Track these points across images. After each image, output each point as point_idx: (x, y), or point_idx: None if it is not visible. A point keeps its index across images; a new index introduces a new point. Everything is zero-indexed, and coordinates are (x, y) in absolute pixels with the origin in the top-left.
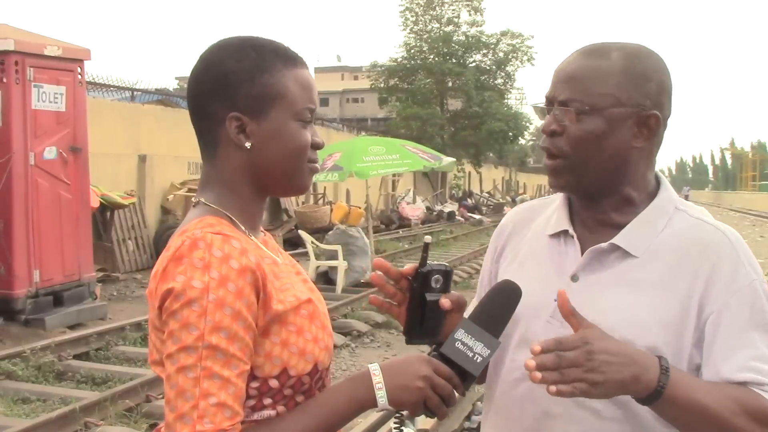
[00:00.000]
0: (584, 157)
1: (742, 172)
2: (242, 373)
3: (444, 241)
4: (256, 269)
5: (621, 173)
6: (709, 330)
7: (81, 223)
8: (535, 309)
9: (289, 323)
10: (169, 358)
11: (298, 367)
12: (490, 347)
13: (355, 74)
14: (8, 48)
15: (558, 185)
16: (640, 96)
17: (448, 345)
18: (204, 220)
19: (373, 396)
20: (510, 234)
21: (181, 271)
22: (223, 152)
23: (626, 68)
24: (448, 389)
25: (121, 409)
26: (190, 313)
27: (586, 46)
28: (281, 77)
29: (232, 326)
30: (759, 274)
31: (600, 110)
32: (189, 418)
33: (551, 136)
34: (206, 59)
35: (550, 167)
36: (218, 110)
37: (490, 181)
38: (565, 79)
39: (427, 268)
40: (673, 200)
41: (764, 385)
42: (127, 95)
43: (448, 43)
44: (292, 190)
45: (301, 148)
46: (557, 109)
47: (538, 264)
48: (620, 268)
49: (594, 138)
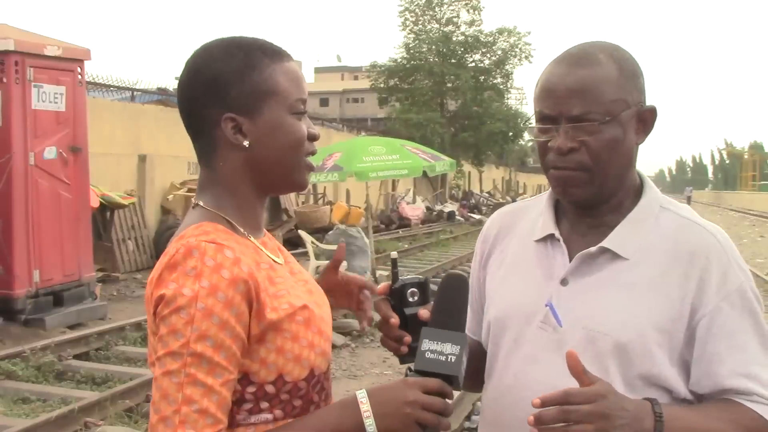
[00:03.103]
0: (607, 166)
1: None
2: (227, 381)
3: (444, 241)
4: (249, 279)
5: (626, 175)
6: (701, 333)
7: (81, 223)
8: (525, 315)
9: (283, 330)
10: (158, 360)
11: (294, 373)
12: (459, 343)
13: (355, 74)
14: (8, 48)
15: (577, 196)
16: (638, 93)
17: (419, 360)
18: (201, 226)
19: (361, 423)
20: (495, 239)
21: (174, 278)
22: (222, 154)
23: (620, 69)
24: (439, 404)
25: (121, 409)
26: (178, 319)
27: (568, 55)
28: (271, 73)
29: (218, 335)
30: (747, 275)
31: (616, 117)
32: (171, 422)
33: (568, 153)
34: (194, 64)
35: (568, 179)
36: (212, 113)
37: (490, 181)
38: (569, 94)
39: (400, 283)
40: (658, 199)
41: (753, 395)
42: (127, 95)
43: (447, 43)
44: (290, 186)
45: (299, 140)
46: (569, 126)
47: (526, 269)
48: (610, 270)
49: (614, 145)
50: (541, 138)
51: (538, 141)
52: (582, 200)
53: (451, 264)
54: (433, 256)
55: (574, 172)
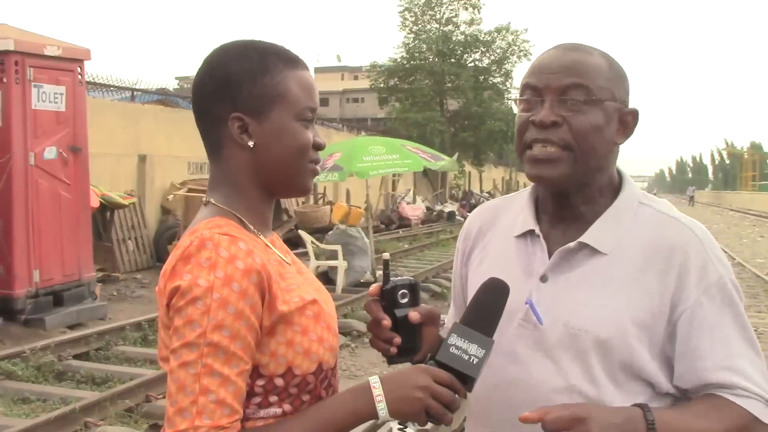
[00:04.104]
0: (587, 148)
1: (741, 172)
2: (243, 372)
3: (444, 241)
4: (262, 270)
5: (602, 168)
6: (683, 328)
7: (81, 223)
8: (506, 313)
9: (294, 323)
10: (173, 353)
11: (303, 367)
12: (485, 347)
13: (355, 74)
14: (8, 48)
15: (552, 176)
16: (623, 93)
17: (442, 351)
18: (213, 221)
19: (374, 408)
20: (477, 235)
21: (189, 269)
22: (228, 153)
23: (610, 66)
24: (448, 396)
25: (121, 409)
26: (194, 310)
27: (562, 44)
28: (283, 78)
29: (234, 325)
30: (727, 268)
31: (601, 102)
32: (188, 413)
33: (550, 127)
34: (210, 62)
35: (546, 157)
36: (221, 111)
37: (490, 181)
38: (560, 69)
39: (391, 285)
40: (637, 195)
41: (737, 389)
42: (127, 95)
43: (447, 42)
44: (294, 191)
45: (303, 147)
46: (554, 99)
47: (506, 266)
48: (589, 265)
49: (596, 130)
50: (524, 111)
51: (520, 118)
52: (556, 181)
53: (450, 264)
54: (433, 256)
55: (554, 149)
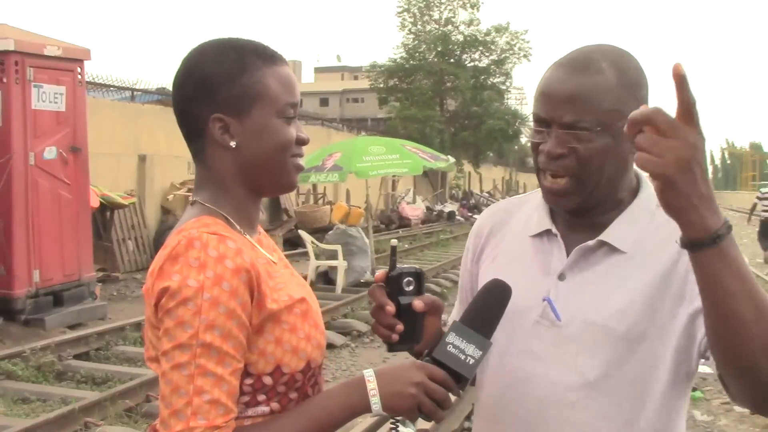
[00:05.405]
0: (594, 173)
1: (741, 172)
2: (236, 370)
3: (444, 241)
4: (251, 269)
5: (615, 181)
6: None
7: (81, 223)
8: (522, 310)
9: (282, 321)
10: (165, 355)
11: (292, 365)
12: (482, 348)
13: (355, 74)
14: (8, 48)
15: (566, 207)
16: (637, 105)
17: (440, 349)
18: (200, 219)
19: (368, 402)
20: (488, 235)
21: (177, 270)
22: (211, 154)
23: (621, 80)
24: (442, 394)
25: (121, 409)
26: (185, 311)
27: (570, 59)
28: (261, 76)
29: (226, 325)
30: None
31: (608, 127)
32: (183, 414)
33: (558, 158)
34: (188, 63)
35: (556, 189)
36: (202, 112)
37: (490, 181)
38: (564, 100)
39: (397, 271)
40: (654, 197)
41: None
42: (127, 95)
43: (446, 42)
44: (279, 188)
45: (285, 144)
46: (561, 132)
47: (523, 265)
48: (608, 263)
49: (605, 153)
50: (535, 139)
51: (532, 142)
52: (570, 210)
53: (451, 264)
54: (433, 256)
55: (563, 180)
